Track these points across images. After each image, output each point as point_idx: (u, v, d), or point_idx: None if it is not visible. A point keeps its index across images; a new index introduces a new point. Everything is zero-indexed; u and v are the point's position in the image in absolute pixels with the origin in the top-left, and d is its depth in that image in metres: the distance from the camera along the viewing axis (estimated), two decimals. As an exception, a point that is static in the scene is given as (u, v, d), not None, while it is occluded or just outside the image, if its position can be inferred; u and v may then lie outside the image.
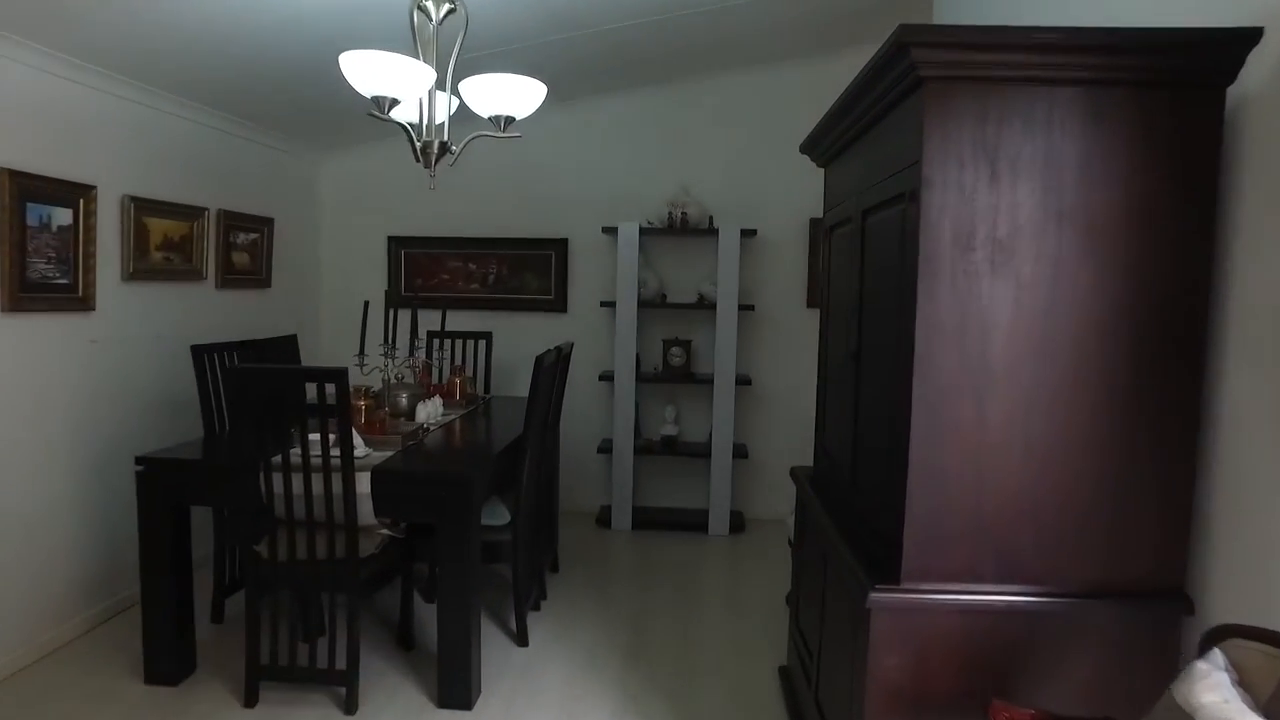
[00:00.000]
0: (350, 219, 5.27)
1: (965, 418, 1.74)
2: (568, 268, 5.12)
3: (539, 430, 3.39)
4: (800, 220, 5.00)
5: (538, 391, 3.17)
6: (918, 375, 1.73)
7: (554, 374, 3.52)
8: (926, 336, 1.72)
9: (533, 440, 3.26)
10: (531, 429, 3.21)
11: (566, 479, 5.07)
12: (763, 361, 5.10)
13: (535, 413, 3.21)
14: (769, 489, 5.18)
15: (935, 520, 1.76)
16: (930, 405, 1.74)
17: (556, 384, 3.68)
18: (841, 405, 2.47)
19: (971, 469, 1.74)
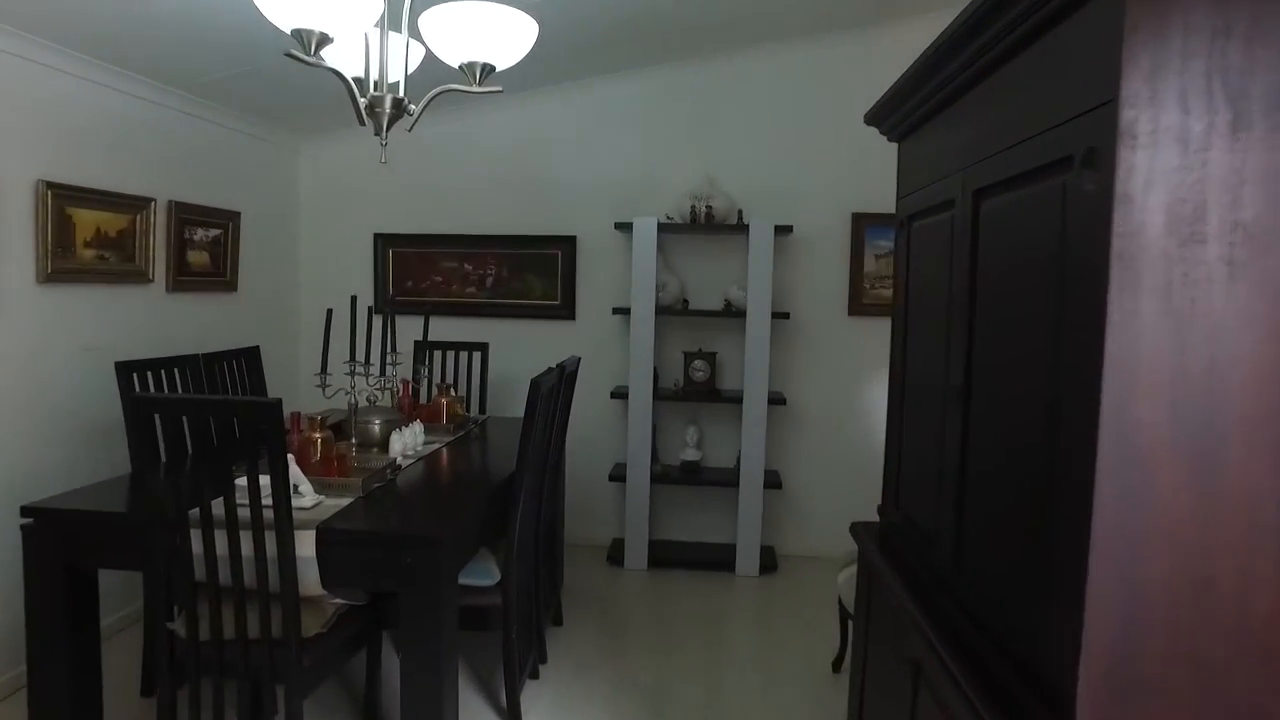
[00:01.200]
0: (332, 214, 4.68)
1: (1181, 501, 1.11)
2: (576, 269, 4.51)
3: (537, 469, 2.79)
4: (841, 215, 4.37)
5: (534, 423, 2.56)
6: (1105, 434, 1.10)
7: (555, 399, 2.91)
8: (1120, 375, 1.09)
9: (528, 483, 2.65)
10: (526, 469, 2.60)
11: (573, 508, 4.45)
12: (799, 377, 4.47)
13: (531, 449, 2.60)
14: (804, 522, 4.55)
15: (1127, 662, 1.13)
16: (1122, 480, 1.11)
17: (558, 410, 3.07)
18: (932, 452, 1.84)
19: (1192, 582, 1.12)
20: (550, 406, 2.84)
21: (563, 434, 3.38)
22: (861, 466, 4.47)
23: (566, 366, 3.08)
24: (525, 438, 2.56)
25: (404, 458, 2.94)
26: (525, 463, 2.58)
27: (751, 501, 4.22)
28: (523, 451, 2.57)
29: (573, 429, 4.43)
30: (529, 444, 2.56)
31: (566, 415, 3.37)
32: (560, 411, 3.17)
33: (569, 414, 3.43)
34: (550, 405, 2.83)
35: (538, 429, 2.64)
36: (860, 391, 4.45)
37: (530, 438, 2.56)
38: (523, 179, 4.51)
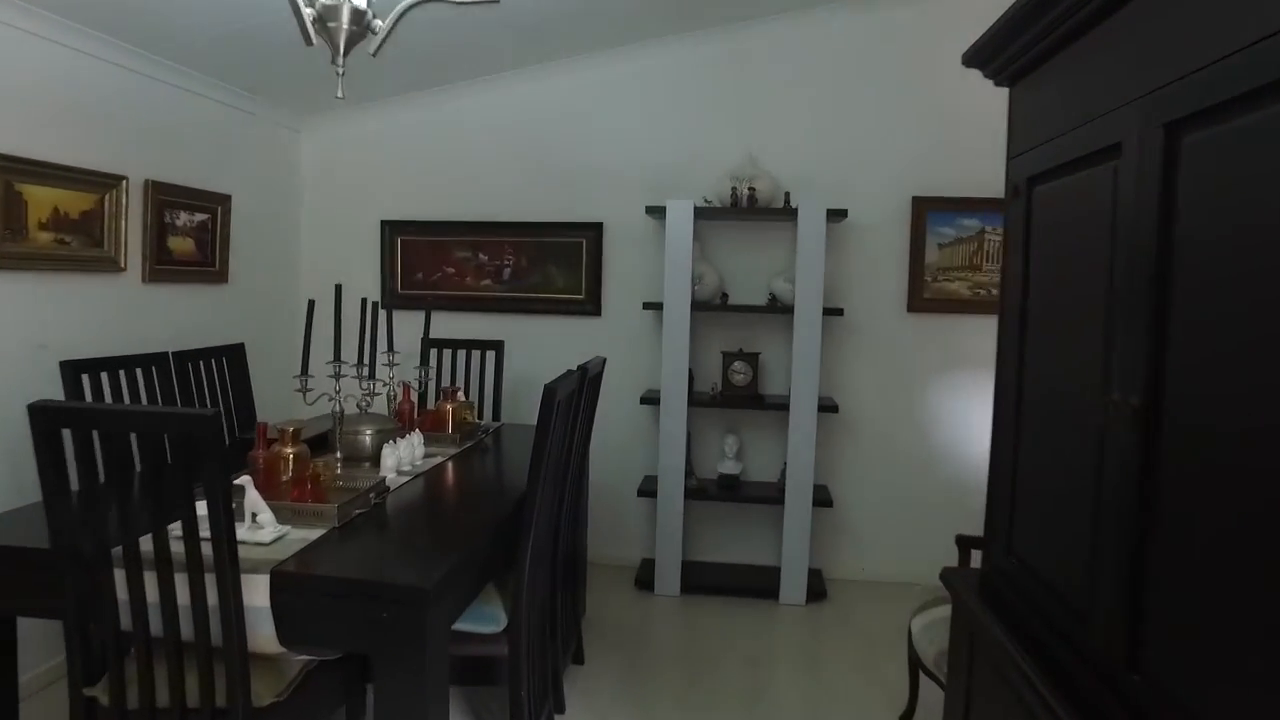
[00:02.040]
0: (336, 199, 4.28)
1: None
2: (602, 259, 4.06)
3: (553, 490, 2.34)
4: (899, 199, 3.87)
5: (548, 438, 2.11)
6: None
7: (574, 407, 2.45)
8: None
9: (542, 509, 2.20)
10: (540, 493, 2.15)
11: (598, 525, 4.00)
12: (851, 382, 3.98)
13: (545, 468, 2.14)
14: (856, 543, 4.06)
15: None
16: None
17: (579, 419, 2.61)
18: (1075, 491, 1.36)
19: None
20: (569, 416, 2.39)
21: (585, 445, 2.93)
22: (922, 482, 3.97)
23: (589, 369, 2.63)
24: (538, 455, 2.10)
25: (398, 475, 2.51)
26: (538, 485, 2.12)
27: (798, 521, 3.74)
28: (535, 472, 2.12)
29: (597, 438, 3.98)
30: (543, 462, 2.11)
31: (589, 424, 2.92)
32: (582, 420, 2.72)
33: (592, 422, 2.97)
34: (569, 415, 2.38)
35: (554, 444, 2.19)
36: (920, 398, 3.94)
37: (545, 455, 2.11)
38: (544, 160, 4.07)
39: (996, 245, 3.84)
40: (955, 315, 3.90)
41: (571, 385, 2.30)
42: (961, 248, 3.87)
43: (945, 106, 3.80)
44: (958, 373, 3.91)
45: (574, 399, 2.45)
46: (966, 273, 3.87)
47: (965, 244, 3.87)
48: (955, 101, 3.80)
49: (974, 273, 3.87)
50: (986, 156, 3.96)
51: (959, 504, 3.93)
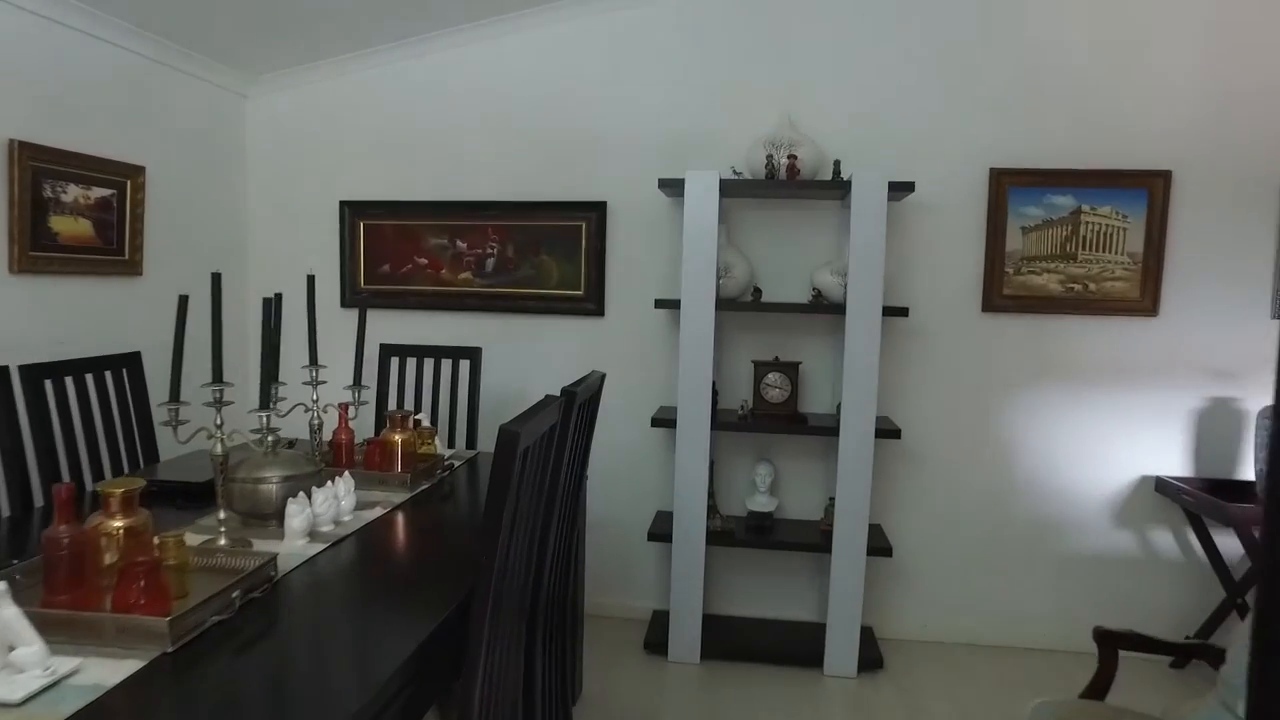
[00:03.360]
0: (287, 176, 3.56)
1: None
2: (606, 246, 3.32)
3: (522, 570, 1.60)
4: (973, 172, 3.12)
5: (504, 504, 1.36)
6: None
7: (554, 451, 1.71)
8: None
9: (498, 615, 1.46)
10: (494, 593, 1.40)
11: (599, 569, 3.29)
12: (914, 399, 3.22)
13: (500, 556, 1.40)
14: (916, 594, 3.31)
15: None
16: None
17: (567, 463, 1.88)
18: None
19: None
20: (543, 465, 1.66)
21: (579, 483, 2.21)
22: (998, 522, 3.22)
23: (580, 393, 1.89)
24: (491, 532, 1.37)
25: (310, 541, 1.79)
26: (491, 582, 1.38)
27: (849, 572, 2.99)
28: (487, 561, 1.38)
29: (599, 466, 3.26)
30: (497, 548, 1.37)
31: (582, 463, 2.19)
32: (571, 461, 1.99)
33: (586, 461, 2.24)
34: (543, 464, 1.65)
35: (519, 510, 1.46)
36: (997, 420, 3.18)
37: (496, 527, 1.37)
38: (536, 126, 3.34)
39: (1098, 229, 3.07)
40: (1042, 316, 3.14)
41: (543, 425, 1.55)
42: (1051, 232, 3.11)
43: (1032, 58, 3.04)
44: (1044, 388, 3.15)
45: (554, 439, 1.72)
46: (1058, 263, 3.11)
47: (1056, 227, 3.10)
48: (1044, 52, 3.04)
49: (1067, 263, 3.10)
50: (1085, 119, 3.07)
51: (1043, 548, 3.19)
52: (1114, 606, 3.18)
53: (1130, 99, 3.02)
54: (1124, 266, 3.08)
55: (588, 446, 2.21)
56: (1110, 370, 3.11)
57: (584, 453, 2.19)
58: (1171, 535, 3.14)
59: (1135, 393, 3.11)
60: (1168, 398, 3.09)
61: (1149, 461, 3.12)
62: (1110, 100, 3.03)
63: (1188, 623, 3.11)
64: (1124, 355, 3.11)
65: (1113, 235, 3.08)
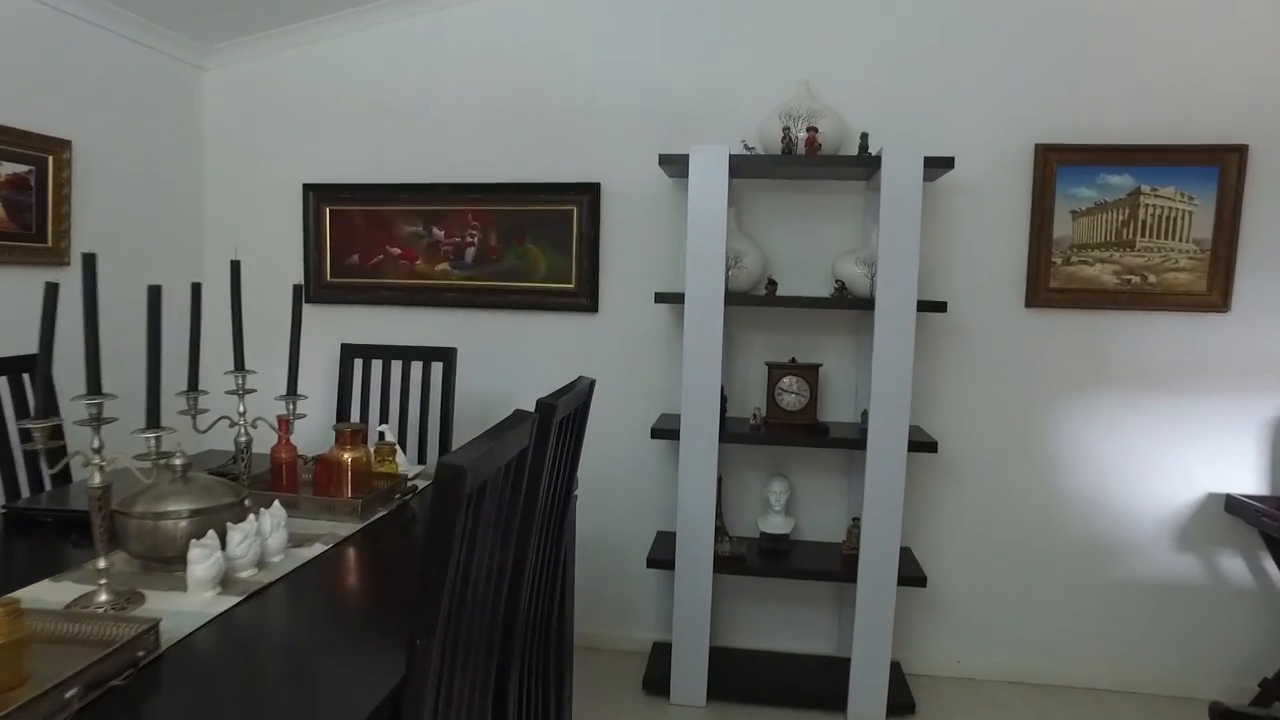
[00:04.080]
0: (245, 155, 3.19)
1: None
2: (600, 234, 2.95)
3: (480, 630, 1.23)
4: (1016, 147, 2.74)
5: (441, 571, 0.99)
6: None
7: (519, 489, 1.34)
8: None
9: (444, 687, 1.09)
10: (433, 676, 1.03)
11: (592, 596, 2.93)
12: (951, 407, 2.85)
13: (442, 630, 1.03)
14: (950, 624, 2.94)
15: None
16: None
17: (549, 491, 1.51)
18: None
19: None
20: (511, 494, 1.29)
21: (565, 504, 1.84)
22: (1044, 545, 2.84)
23: (563, 406, 1.52)
24: (424, 614, 0.99)
25: (218, 592, 1.42)
26: (430, 668, 1.01)
27: (876, 604, 2.62)
28: (424, 643, 1.00)
29: (593, 481, 2.89)
30: (436, 626, 1.00)
31: (570, 475, 1.82)
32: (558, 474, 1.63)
33: (575, 470, 1.88)
34: (510, 492, 1.27)
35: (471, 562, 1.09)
36: (1042, 429, 2.81)
37: (439, 608, 1.00)
38: (522, 100, 2.96)
39: (1159, 213, 2.70)
40: (1094, 312, 2.76)
41: (507, 451, 1.18)
42: (1105, 216, 2.73)
43: (1084, 18, 2.67)
44: (1096, 394, 2.77)
45: (526, 463, 1.34)
46: (1112, 251, 2.74)
47: (1111, 211, 2.73)
48: (1097, 7, 2.66)
49: (1123, 252, 2.73)
50: (1146, 86, 2.67)
51: (1093, 575, 2.82)
52: (1175, 643, 2.81)
53: (1199, 61, 2.64)
54: (1189, 255, 2.70)
55: (574, 463, 1.84)
56: (1173, 373, 2.74)
57: (570, 470, 1.83)
58: (1243, 561, 2.76)
59: (1202, 399, 2.73)
60: (1239, 405, 2.71)
61: (1218, 477, 2.74)
62: (1176, 63, 2.65)
63: (1263, 663, 2.74)
64: (1189, 356, 2.73)
65: (1177, 219, 2.70)
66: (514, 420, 1.32)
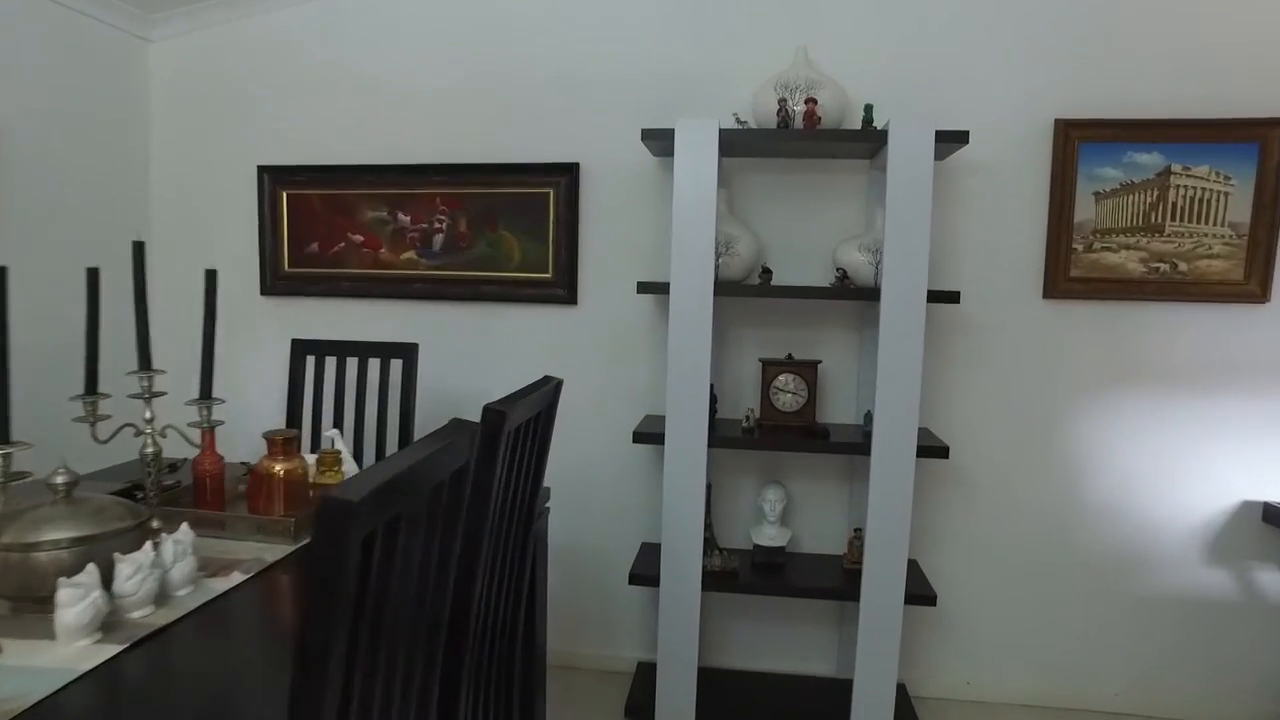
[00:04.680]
0: (194, 135, 2.93)
1: None
2: (579, 218, 2.70)
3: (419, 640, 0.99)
4: (1034, 123, 2.50)
5: (324, 644, 0.75)
6: None
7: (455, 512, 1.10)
8: None
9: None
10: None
11: (570, 615, 2.70)
12: (962, 407, 2.61)
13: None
14: (959, 644, 2.70)
15: None
16: None
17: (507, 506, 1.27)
18: None
19: None
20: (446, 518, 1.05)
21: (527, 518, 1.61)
22: (1062, 557, 2.61)
23: (517, 414, 1.29)
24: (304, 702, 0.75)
25: (96, 640, 1.18)
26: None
27: (881, 624, 2.38)
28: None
29: (571, 487, 2.66)
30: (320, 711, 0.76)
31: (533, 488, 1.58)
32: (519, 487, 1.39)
33: (539, 481, 1.64)
34: (440, 533, 1.03)
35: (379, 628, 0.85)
36: (1064, 433, 2.57)
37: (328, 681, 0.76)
38: (493, 73, 2.71)
39: (1192, 194, 2.46)
40: (1119, 303, 2.53)
41: (421, 482, 0.93)
42: (1132, 198, 2.49)
43: (1113, -25, 2.43)
44: (1121, 393, 2.54)
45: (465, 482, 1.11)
46: (1139, 237, 2.49)
47: (1138, 193, 2.49)
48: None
49: (1151, 237, 2.49)
50: (1178, 55, 2.39)
51: (1117, 589, 2.59)
52: (1205, 663, 2.58)
53: (1237, 26, 2.40)
54: (1224, 241, 2.46)
55: (538, 474, 1.61)
56: (1206, 370, 2.50)
57: (532, 483, 1.59)
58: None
59: (1237, 398, 2.49)
60: (1279, 404, 2.48)
61: (1254, 483, 2.51)
62: (1211, 28, 2.40)
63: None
64: (1223, 351, 2.49)
65: (1211, 202, 2.46)
66: (447, 431, 1.08)
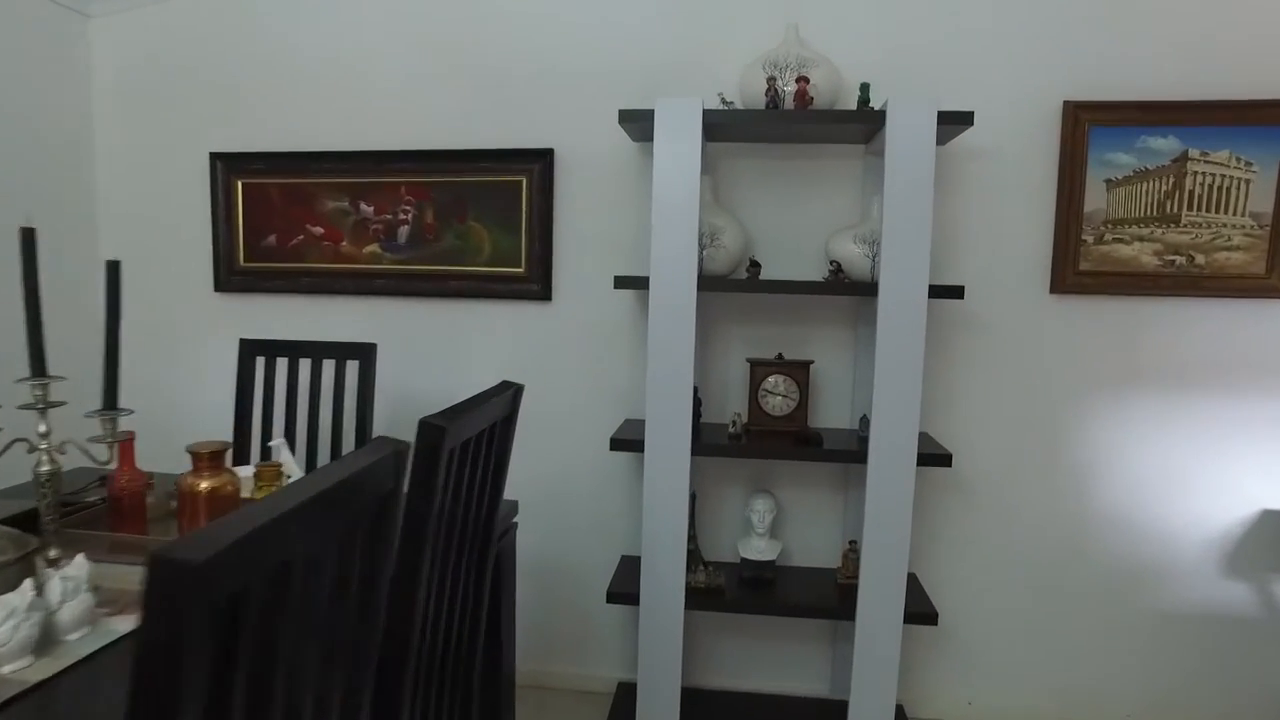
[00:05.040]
0: (141, 120, 2.73)
1: None
2: (554, 208, 2.52)
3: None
4: (1042, 106, 2.33)
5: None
6: None
7: (373, 545, 0.91)
8: None
9: None
10: None
11: (545, 632, 2.53)
12: (963, 410, 2.44)
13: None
14: (960, 662, 2.54)
15: None
16: None
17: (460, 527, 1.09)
18: None
19: None
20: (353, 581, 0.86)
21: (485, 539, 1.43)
22: (1069, 570, 2.45)
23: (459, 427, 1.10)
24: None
25: (-45, 702, 0.99)
26: None
27: (879, 643, 2.21)
28: None
29: (545, 496, 2.48)
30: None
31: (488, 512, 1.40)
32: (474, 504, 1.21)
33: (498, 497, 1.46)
34: (358, 574, 0.85)
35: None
36: (1073, 437, 2.40)
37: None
38: (462, 53, 2.52)
39: (1210, 182, 2.29)
40: (1132, 299, 2.36)
41: (308, 536, 0.75)
42: (1146, 186, 2.32)
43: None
44: (1134, 394, 2.37)
45: (384, 509, 0.92)
46: (1153, 228, 2.33)
47: (1153, 180, 2.32)
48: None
49: (1166, 228, 2.32)
50: (1197, 32, 2.20)
51: (1130, 603, 2.43)
52: (1224, 682, 2.42)
53: (1263, 0, 2.23)
54: (1245, 232, 2.29)
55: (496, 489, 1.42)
56: (1224, 370, 2.34)
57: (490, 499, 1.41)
58: (1305, 589, 2.37)
59: (1257, 400, 2.33)
60: (1302, 407, 2.32)
61: (1275, 491, 2.35)
62: (1233, 4, 2.23)
63: (1328, 706, 2.35)
64: (1242, 350, 2.33)
65: (1231, 190, 2.29)
66: (366, 453, 0.90)
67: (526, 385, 2.55)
